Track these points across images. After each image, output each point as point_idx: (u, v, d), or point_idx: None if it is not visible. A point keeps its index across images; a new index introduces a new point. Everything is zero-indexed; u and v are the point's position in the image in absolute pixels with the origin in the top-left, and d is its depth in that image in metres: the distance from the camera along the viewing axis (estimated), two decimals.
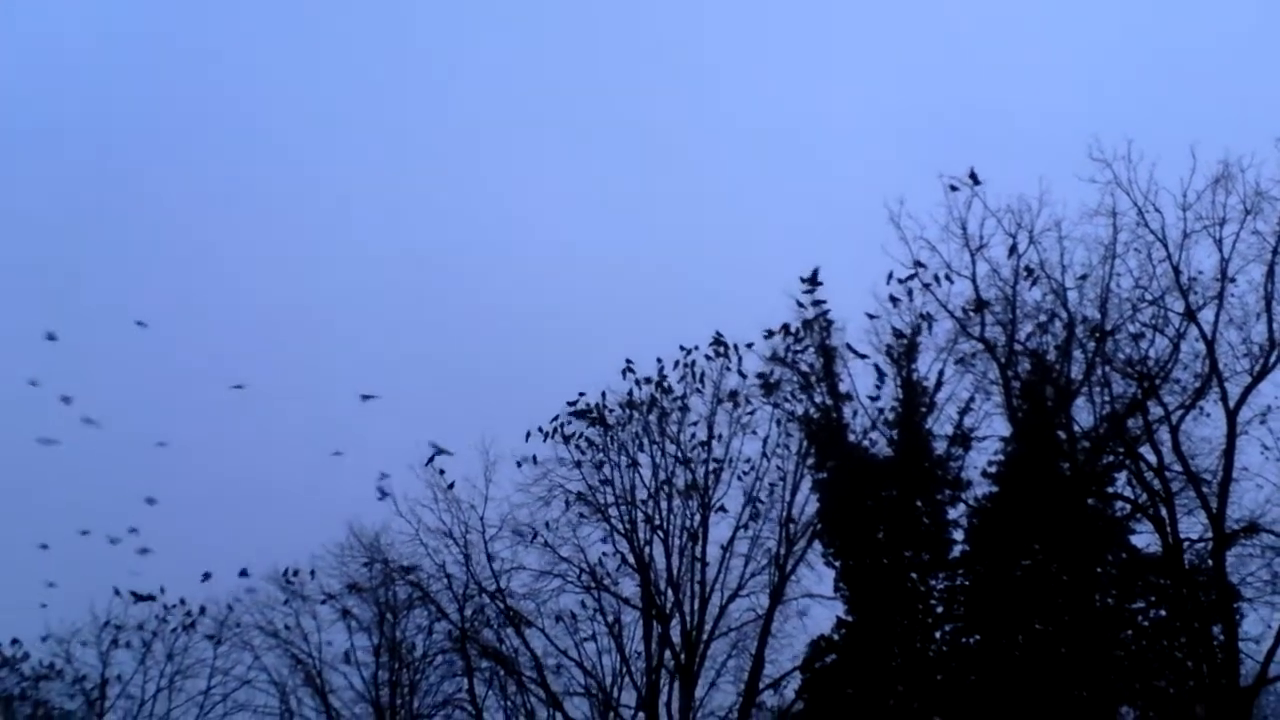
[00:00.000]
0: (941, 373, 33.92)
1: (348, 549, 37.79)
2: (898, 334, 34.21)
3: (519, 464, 36.67)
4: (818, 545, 34.49)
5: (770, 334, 35.62)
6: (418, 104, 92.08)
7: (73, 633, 38.89)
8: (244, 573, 38.89)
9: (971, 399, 33.75)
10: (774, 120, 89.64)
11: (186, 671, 39.20)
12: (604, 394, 36.91)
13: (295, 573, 38.44)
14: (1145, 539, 31.99)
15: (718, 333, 36.83)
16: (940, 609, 32.14)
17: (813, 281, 35.30)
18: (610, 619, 36.63)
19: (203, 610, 39.27)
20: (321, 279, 77.65)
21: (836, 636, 32.36)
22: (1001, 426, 33.16)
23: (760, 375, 36.02)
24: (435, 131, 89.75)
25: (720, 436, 36.51)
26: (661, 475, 36.59)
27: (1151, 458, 32.09)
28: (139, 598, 38.92)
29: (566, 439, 36.90)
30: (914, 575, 32.25)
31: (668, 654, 35.46)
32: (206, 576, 38.92)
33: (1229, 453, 31.17)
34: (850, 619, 32.26)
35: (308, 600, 38.48)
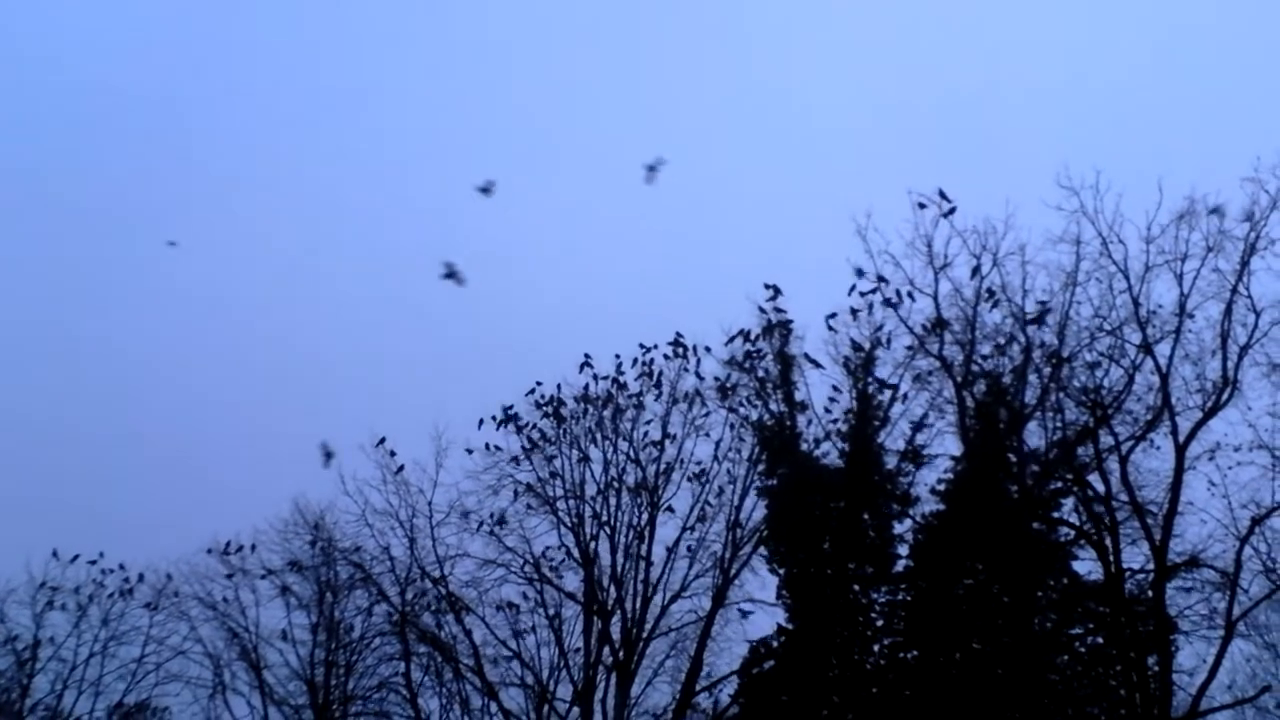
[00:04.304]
0: (897, 388, 34.08)
1: (291, 525, 37.55)
2: (856, 346, 34.29)
3: (469, 451, 36.69)
4: (763, 551, 34.55)
5: (730, 340, 35.65)
6: (391, 91, 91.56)
7: (8, 591, 38.42)
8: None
9: (925, 416, 33.86)
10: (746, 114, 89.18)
11: (121, 638, 38.58)
12: (559, 385, 36.98)
13: (239, 548, 38.07)
14: (1087, 566, 32.16)
15: (678, 333, 36.89)
16: (880, 622, 32.23)
17: (776, 291, 35.34)
18: (551, 612, 36.57)
19: (141, 577, 38.71)
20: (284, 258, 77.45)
21: (776, 643, 32.44)
22: (953, 445, 33.38)
23: (717, 379, 36.04)
24: (408, 125, 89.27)
25: (673, 437, 36.58)
26: (612, 472, 36.57)
27: (1099, 486, 32.26)
28: None
29: (519, 429, 36.84)
30: (856, 587, 32.34)
31: (606, 650, 35.41)
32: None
33: (1175, 486, 31.36)
34: (791, 627, 32.35)
35: (248, 574, 38.05)
